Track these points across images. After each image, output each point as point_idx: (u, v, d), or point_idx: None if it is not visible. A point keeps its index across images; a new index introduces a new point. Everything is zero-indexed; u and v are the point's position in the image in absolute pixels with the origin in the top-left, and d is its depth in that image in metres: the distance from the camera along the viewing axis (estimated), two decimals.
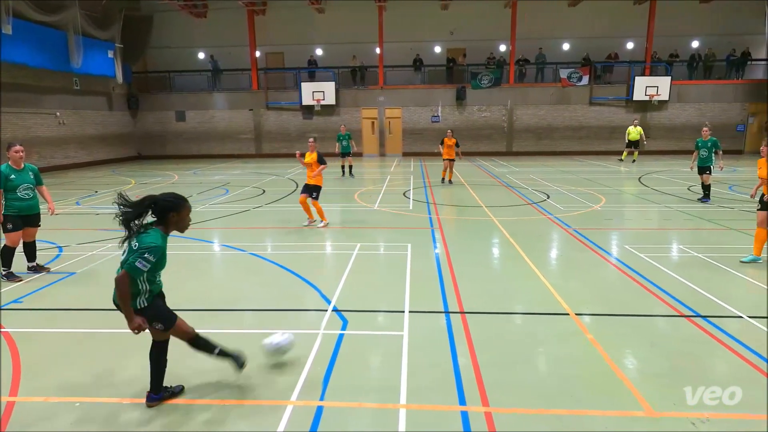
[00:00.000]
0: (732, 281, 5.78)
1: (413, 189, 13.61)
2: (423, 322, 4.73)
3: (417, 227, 8.83)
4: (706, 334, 4.36)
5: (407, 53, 25.93)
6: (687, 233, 8.21)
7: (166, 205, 3.15)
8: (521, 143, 25.78)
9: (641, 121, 24.66)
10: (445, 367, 3.85)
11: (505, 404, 3.34)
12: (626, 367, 3.85)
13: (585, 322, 4.66)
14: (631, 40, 26.02)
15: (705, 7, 24.67)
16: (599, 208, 10.39)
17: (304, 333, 4.46)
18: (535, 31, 25.17)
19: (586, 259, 6.83)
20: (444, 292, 5.50)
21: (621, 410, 3.25)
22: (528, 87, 25.50)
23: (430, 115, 25.73)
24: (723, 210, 9.94)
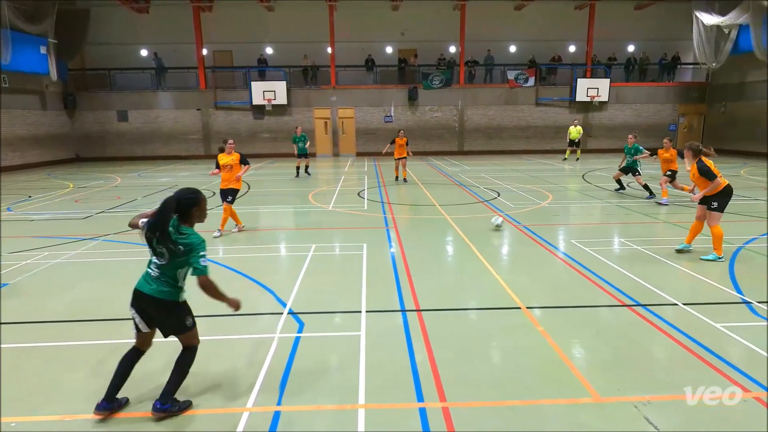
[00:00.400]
0: (667, 271, 6.16)
1: (368, 189, 13.64)
2: (380, 321, 4.75)
3: (372, 227, 8.86)
4: (646, 322, 4.63)
5: (359, 53, 25.94)
6: (627, 227, 8.68)
7: (188, 202, 3.15)
8: (472, 143, 26.39)
9: (584, 120, 25.87)
10: (402, 364, 3.88)
11: (461, 398, 3.41)
12: (574, 356, 4.03)
13: (536, 315, 4.84)
14: (573, 44, 27.21)
15: (639, 13, 26.17)
16: (546, 205, 10.80)
17: (259, 338, 4.38)
18: (484, 33, 25.83)
19: (535, 254, 7.08)
20: (400, 290, 5.54)
21: (570, 398, 3.40)
22: (477, 88, 26.14)
23: (383, 115, 25.87)
24: (659, 204, 10.58)
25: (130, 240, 7.91)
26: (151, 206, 11.15)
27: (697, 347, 4.08)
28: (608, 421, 3.14)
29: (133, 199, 12.25)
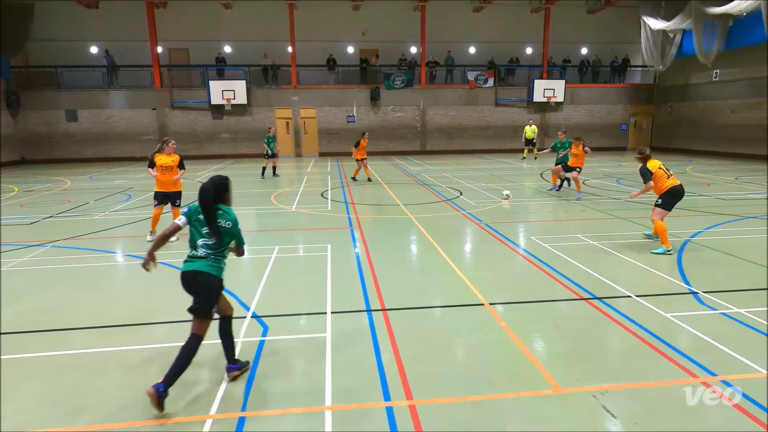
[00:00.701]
0: (620, 264, 6.43)
1: (331, 189, 13.56)
2: (346, 322, 4.73)
3: (336, 227, 8.82)
4: (602, 314, 4.82)
5: (320, 53, 25.77)
6: (582, 223, 9.00)
7: (222, 187, 3.61)
8: (434, 142, 26.70)
9: (541, 120, 26.66)
10: (369, 365, 3.88)
11: (427, 395, 3.44)
12: (536, 350, 4.14)
13: (498, 311, 4.94)
14: (530, 46, 27.98)
15: (592, 17, 27.19)
16: (507, 203, 11.06)
17: (221, 343, 4.27)
18: (444, 34, 26.19)
19: (497, 251, 7.24)
20: (365, 290, 5.54)
21: (532, 390, 3.49)
22: (439, 88, 26.47)
23: (346, 115, 25.79)
24: (611, 201, 11.03)
25: (81, 246, 7.56)
26: (104, 210, 10.73)
27: (649, 337, 4.28)
28: (568, 412, 3.25)
29: (84, 203, 11.72)
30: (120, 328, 4.67)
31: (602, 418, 3.17)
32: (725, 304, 4.98)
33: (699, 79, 24.37)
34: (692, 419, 3.16)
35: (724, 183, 13.84)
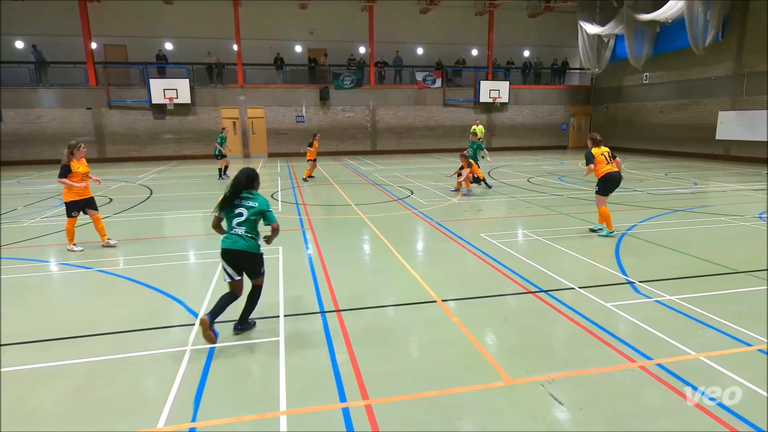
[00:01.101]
0: (564, 258, 6.73)
1: (281, 190, 13.34)
2: (299, 324, 4.68)
3: (287, 229, 8.68)
4: (548, 306, 5.02)
5: (267, 51, 25.29)
6: (528, 219, 9.34)
7: (252, 176, 4.35)
8: (384, 142, 26.86)
9: (487, 121, 27.43)
10: (323, 366, 3.86)
11: (383, 394, 3.46)
12: (487, 344, 4.26)
13: (450, 307, 5.04)
14: (476, 48, 28.72)
15: (533, 21, 28.28)
16: (457, 201, 11.30)
17: (169, 352, 4.11)
18: (392, 35, 26.39)
19: (448, 248, 7.38)
20: (318, 292, 5.50)
21: (485, 383, 3.59)
22: (388, 88, 26.65)
23: (295, 115, 25.44)
24: (555, 198, 11.52)
25: (11, 255, 7.04)
26: (35, 216, 10.02)
27: (591, 326, 4.51)
28: (519, 401, 3.37)
29: (12, 209, 10.90)
30: (57, 341, 4.38)
31: (550, 406, 3.30)
32: (658, 292, 5.32)
33: (631, 81, 25.92)
34: (631, 401, 3.35)
35: (655, 179, 14.79)
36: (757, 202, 10.98)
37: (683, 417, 3.17)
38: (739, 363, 3.80)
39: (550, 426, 3.11)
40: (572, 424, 3.13)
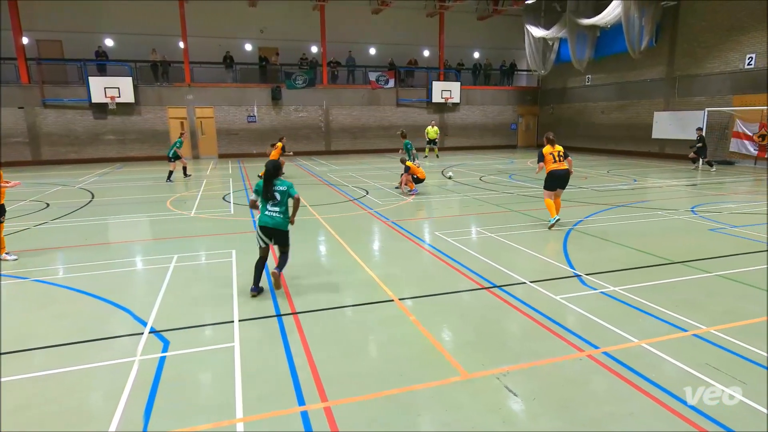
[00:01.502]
0: (516, 254, 6.95)
1: (233, 192, 13.01)
2: (254, 329, 4.58)
3: (241, 231, 8.48)
4: (501, 301, 5.17)
5: (216, 50, 24.58)
6: (481, 217, 9.57)
7: (277, 168, 5.39)
8: (339, 142, 26.74)
9: (440, 121, 27.86)
10: (281, 370, 3.79)
11: (342, 395, 3.45)
12: (443, 340, 4.33)
13: (407, 306, 5.09)
14: (427, 49, 29.11)
15: (482, 24, 28.97)
16: (412, 201, 11.41)
17: (115, 364, 3.92)
18: (344, 34, 26.30)
19: (404, 247, 7.45)
20: (274, 294, 5.40)
21: (442, 379, 3.65)
22: (341, 88, 26.55)
23: (246, 115, 24.87)
24: (506, 195, 11.87)
25: None
26: None
27: (543, 319, 4.68)
28: (476, 395, 3.45)
29: None
30: None
31: (506, 398, 3.40)
32: (603, 283, 5.60)
33: (575, 83, 27.10)
34: (580, 389, 3.51)
35: (598, 176, 15.53)
36: (690, 196, 11.75)
37: (628, 401, 3.34)
38: (677, 348, 4.05)
39: (506, 417, 3.20)
40: (526, 414, 3.24)
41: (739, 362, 3.81)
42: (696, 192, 12.52)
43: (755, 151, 17.85)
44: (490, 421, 3.16)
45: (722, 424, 3.04)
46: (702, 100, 19.91)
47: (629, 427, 3.07)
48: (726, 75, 18.99)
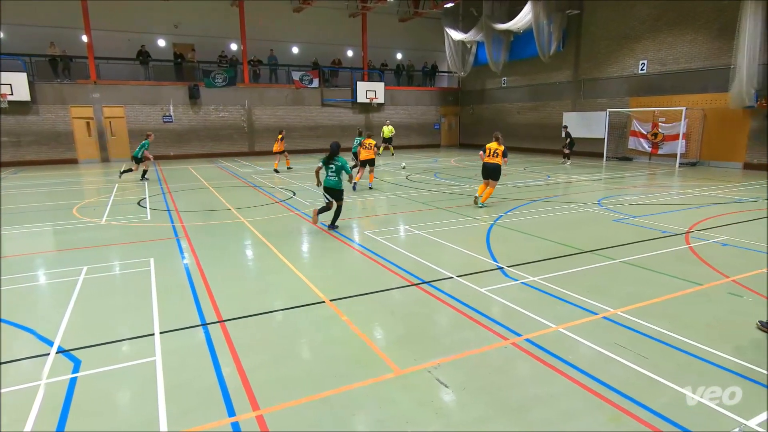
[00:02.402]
0: (442, 250, 7.17)
1: (150, 197, 12.23)
2: (178, 340, 4.34)
3: (159, 238, 8.00)
4: (430, 296, 5.31)
5: (125, 45, 23.00)
6: (409, 215, 9.76)
7: (337, 148, 7.90)
8: (263, 143, 26.02)
9: (366, 121, 28.06)
10: (208, 382, 3.63)
11: (275, 402, 3.37)
12: (376, 338, 4.37)
13: (339, 306, 5.07)
14: (351, 49, 29.17)
15: (403, 25, 29.54)
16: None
17: (17, 390, 3.54)
18: (265, 32, 25.66)
19: (333, 248, 7.41)
20: (198, 303, 5.15)
21: (376, 377, 3.68)
22: (264, 87, 25.87)
23: (162, 114, 23.48)
24: (432, 193, 12.20)
25: None
26: None
27: (469, 311, 4.86)
28: (408, 390, 3.51)
29: None
30: None
31: (438, 390, 3.50)
32: (523, 274, 5.93)
33: (492, 84, 28.44)
34: (506, 375, 3.69)
35: (516, 173, 16.42)
36: (597, 190, 12.77)
37: (549, 384, 3.57)
38: (589, 330, 4.39)
39: (439, 409, 3.29)
40: (457, 404, 3.35)
41: (642, 339, 4.20)
42: (601, 186, 13.64)
43: (649, 148, 19.78)
44: (424, 413, 3.23)
45: (628, 396, 3.34)
46: (604, 101, 21.72)
47: (551, 407, 3.29)
48: (623, 79, 20.86)
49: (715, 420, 3.09)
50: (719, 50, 17.20)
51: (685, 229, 8.13)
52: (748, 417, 3.09)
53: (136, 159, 15.38)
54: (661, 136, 19.11)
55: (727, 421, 3.06)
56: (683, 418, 3.10)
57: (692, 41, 18.11)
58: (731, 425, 3.02)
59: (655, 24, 19.22)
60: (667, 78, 19.16)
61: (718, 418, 3.11)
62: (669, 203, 10.74)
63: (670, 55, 18.92)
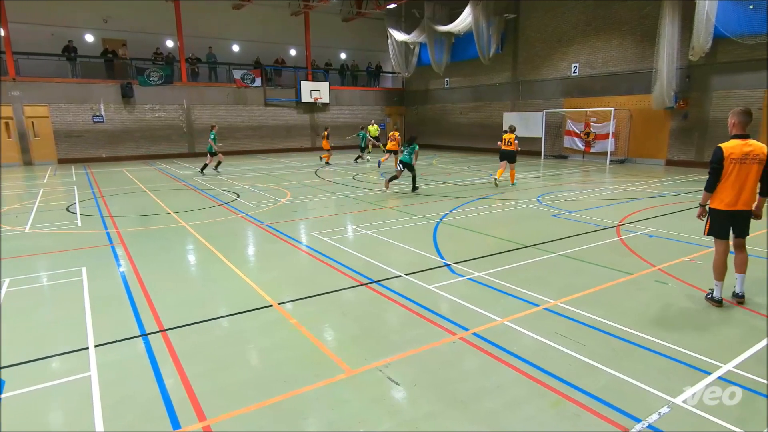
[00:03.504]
0: (391, 249, 7.22)
1: (80, 202, 11.48)
2: (115, 353, 4.10)
3: (91, 246, 7.53)
4: (380, 295, 5.34)
5: (48, 39, 21.43)
6: (357, 215, 9.77)
7: (413, 139, 11.97)
8: (204, 143, 25.00)
9: (311, 120, 27.81)
10: (150, 395, 3.46)
11: (222, 411, 3.26)
12: (326, 339, 4.34)
13: (287, 309, 4.99)
14: (294, 48, 28.76)
15: (347, 25, 29.48)
16: (286, 202, 11.21)
17: None
18: (203, 29, 24.80)
19: (280, 250, 7.28)
20: (137, 313, 4.90)
21: (327, 378, 3.65)
22: (203, 86, 24.97)
23: (92, 114, 22.10)
24: (379, 193, 12.27)
25: None
26: None
27: (418, 308, 4.93)
28: (360, 389, 3.51)
29: None
30: None
31: (389, 388, 3.52)
32: (469, 270, 6.09)
33: (436, 85, 28.98)
34: (455, 369, 3.78)
35: (460, 172, 16.84)
36: (536, 187, 13.33)
37: (496, 375, 3.69)
38: (532, 322, 4.58)
39: (390, 407, 3.32)
40: (408, 401, 3.39)
41: (580, 327, 4.44)
42: (540, 183, 14.26)
43: (583, 147, 20.91)
44: (375, 412, 3.25)
45: (568, 382, 3.52)
46: (541, 102, 22.72)
47: (498, 397, 3.40)
48: (558, 81, 21.91)
49: (642, 399, 3.32)
50: (642, 55, 18.45)
51: (616, 222, 8.67)
52: (674, 395, 3.34)
53: (211, 153, 16.78)
54: (593, 135, 20.24)
55: (655, 399, 3.29)
56: (619, 400, 3.30)
57: (618, 46, 19.32)
58: (660, 403, 3.25)
59: (586, 29, 20.33)
60: (597, 80, 20.32)
61: (647, 398, 3.33)
62: (601, 198, 11.40)
63: (600, 58, 20.08)
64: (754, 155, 4.55)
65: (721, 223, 4.78)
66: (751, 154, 4.55)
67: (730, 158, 4.59)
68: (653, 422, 3.06)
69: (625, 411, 3.18)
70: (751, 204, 4.70)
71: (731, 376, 3.58)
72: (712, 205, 4.81)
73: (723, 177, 4.65)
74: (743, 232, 4.79)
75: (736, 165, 4.57)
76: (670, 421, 3.08)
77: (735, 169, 4.58)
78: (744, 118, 4.64)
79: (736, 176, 4.59)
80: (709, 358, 3.83)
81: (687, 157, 17.75)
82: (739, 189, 4.62)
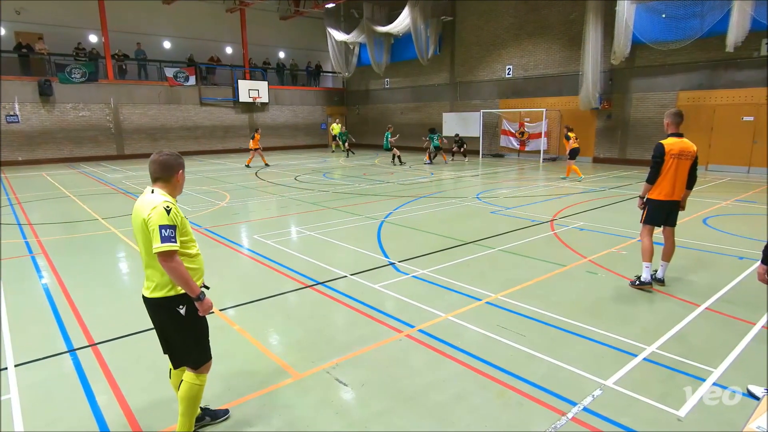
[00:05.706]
0: (335, 249, 7.19)
1: None
2: (40, 372, 3.80)
3: (8, 257, 6.92)
4: (326, 297, 5.29)
5: None
6: (300, 216, 9.63)
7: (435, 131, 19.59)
8: (134, 145, 23.79)
9: (249, 121, 27.09)
10: (80, 414, 3.23)
11: (161, 426, 3.11)
12: (271, 344, 4.24)
13: (230, 315, 4.84)
14: (230, 46, 27.86)
15: (285, 23, 28.95)
16: (225, 205, 10.85)
17: None
18: (130, 24, 23.47)
19: (221, 254, 7.04)
20: (63, 327, 4.56)
21: (273, 384, 3.58)
22: (132, 84, 23.62)
23: (5, 114, 20.29)
24: (322, 194, 12.16)
25: None
26: None
27: (365, 308, 4.94)
28: (307, 393, 3.47)
29: None
30: None
31: (337, 390, 3.50)
32: (413, 268, 6.18)
33: (376, 85, 29.13)
34: (402, 366, 3.82)
35: (402, 172, 17.03)
36: (475, 185, 13.75)
37: (442, 369, 3.77)
38: (475, 316, 4.72)
39: (339, 408, 3.30)
40: (357, 401, 3.39)
41: (520, 319, 4.63)
42: (479, 181, 14.72)
43: (518, 146, 21.81)
44: (324, 415, 3.22)
45: (511, 372, 3.66)
46: (478, 102, 23.44)
47: (444, 391, 3.47)
48: (493, 82, 22.71)
49: (578, 383, 3.52)
50: (570, 58, 19.52)
51: (550, 217, 9.12)
52: (606, 377, 3.56)
53: (388, 149, 19.11)
54: (527, 134, 21.17)
55: (589, 383, 3.50)
56: (557, 386, 3.48)
57: (548, 50, 20.32)
58: (594, 386, 3.46)
59: (518, 33, 21.21)
60: (529, 82, 21.26)
61: (582, 382, 3.53)
62: (536, 195, 11.95)
63: (531, 61, 21.03)
64: (687, 152, 5.10)
65: (658, 212, 5.28)
66: (686, 151, 5.10)
67: (670, 153, 5.09)
68: (587, 405, 3.25)
69: (563, 396, 3.36)
70: (681, 195, 5.22)
71: (655, 356, 3.88)
72: (651, 196, 5.30)
73: (662, 171, 5.14)
74: (674, 221, 5.36)
75: (675, 160, 5.09)
76: (603, 402, 3.29)
77: (674, 164, 5.09)
78: (677, 119, 5.19)
79: (674, 170, 5.10)
80: (636, 341, 4.12)
81: (612, 155, 18.99)
82: (674, 182, 5.14)
